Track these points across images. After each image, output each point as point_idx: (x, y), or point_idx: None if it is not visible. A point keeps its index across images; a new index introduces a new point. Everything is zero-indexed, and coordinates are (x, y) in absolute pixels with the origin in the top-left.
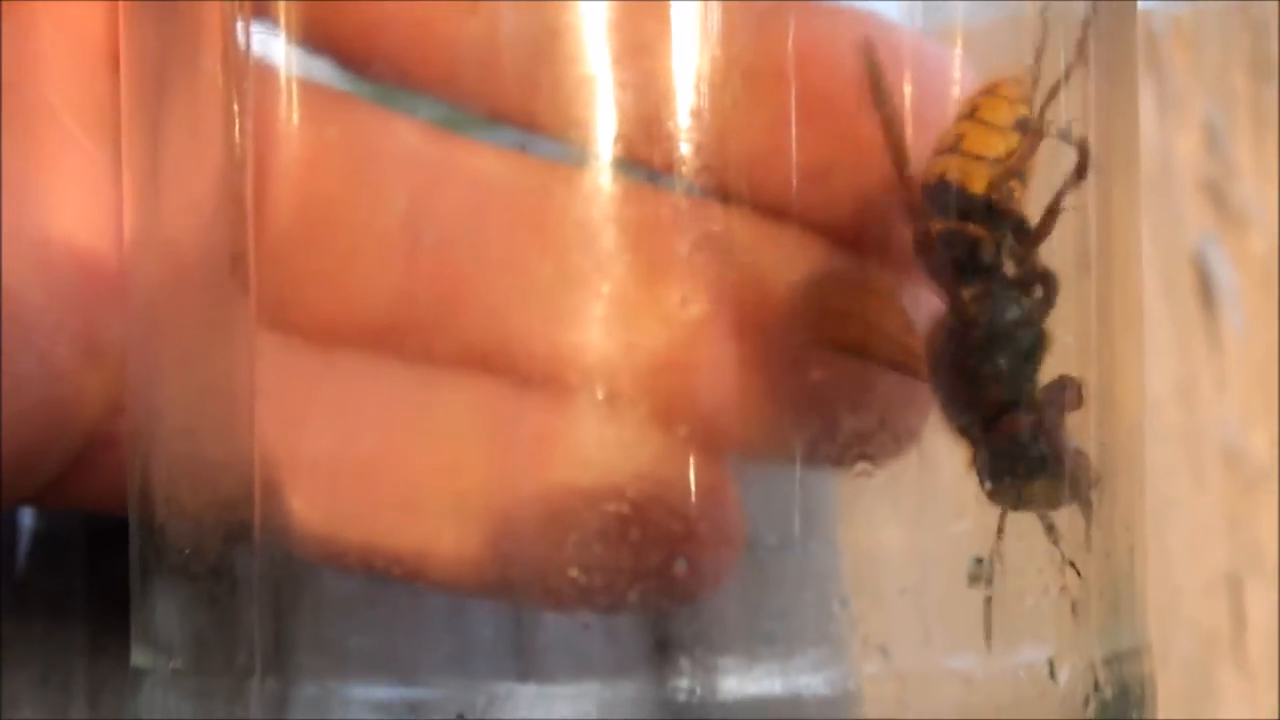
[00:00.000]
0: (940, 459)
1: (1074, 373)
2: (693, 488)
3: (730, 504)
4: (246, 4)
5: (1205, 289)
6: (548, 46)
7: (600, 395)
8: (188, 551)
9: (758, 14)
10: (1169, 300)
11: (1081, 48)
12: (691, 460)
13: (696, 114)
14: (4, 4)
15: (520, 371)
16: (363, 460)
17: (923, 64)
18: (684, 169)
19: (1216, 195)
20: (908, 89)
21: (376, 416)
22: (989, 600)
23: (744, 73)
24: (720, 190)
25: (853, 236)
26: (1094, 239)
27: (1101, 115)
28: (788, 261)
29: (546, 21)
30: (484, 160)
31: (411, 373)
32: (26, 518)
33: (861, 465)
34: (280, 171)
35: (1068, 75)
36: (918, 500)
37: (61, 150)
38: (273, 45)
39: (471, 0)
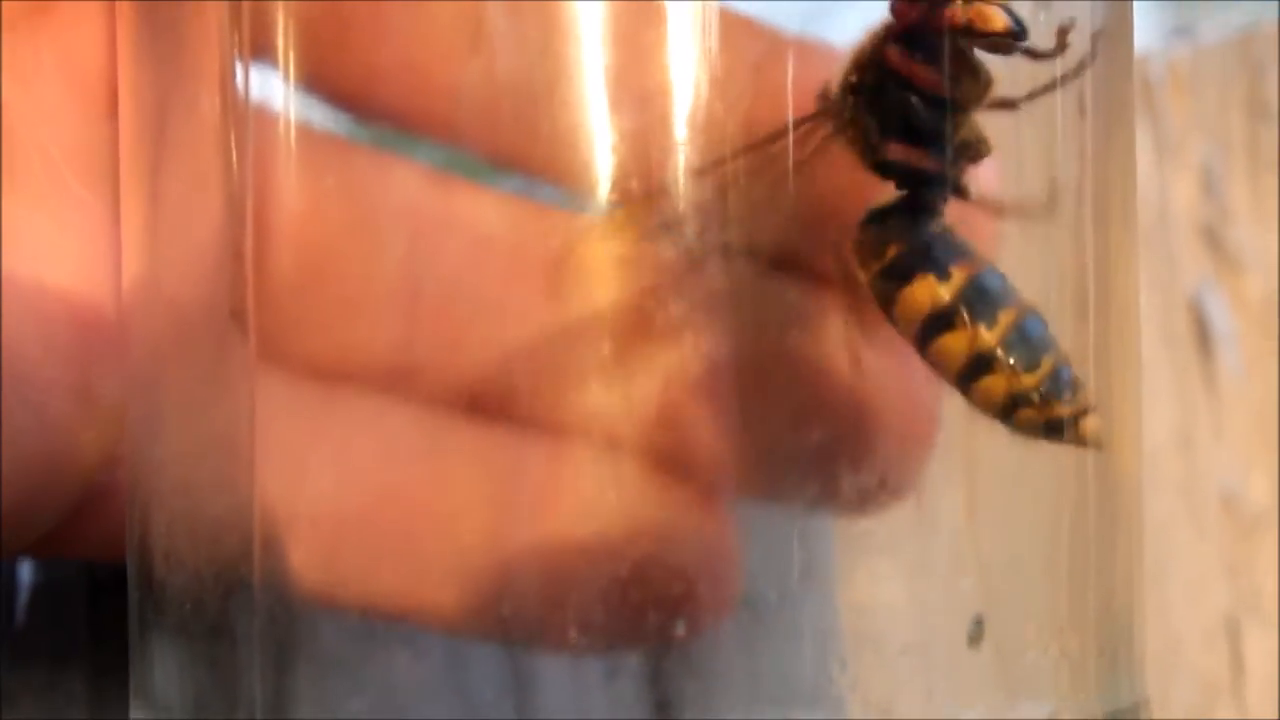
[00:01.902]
0: (941, 514)
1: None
2: (693, 548)
3: (730, 562)
4: (246, 48)
5: (1203, 334)
6: (547, 94)
7: (600, 445)
8: (187, 608)
9: (755, 61)
10: (1167, 345)
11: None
12: (691, 517)
13: (692, 160)
14: (3, 53)
15: (521, 419)
16: (363, 508)
17: None
18: (683, 215)
19: (1214, 240)
20: None
21: (377, 464)
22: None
23: (743, 121)
24: (720, 236)
25: (855, 291)
26: (1091, 285)
27: (1098, 162)
28: (789, 313)
29: (546, 69)
30: (483, 207)
31: (412, 419)
32: (26, 568)
33: (861, 522)
34: (280, 219)
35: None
36: (918, 557)
37: (58, 201)
38: (272, 90)
39: (472, 46)
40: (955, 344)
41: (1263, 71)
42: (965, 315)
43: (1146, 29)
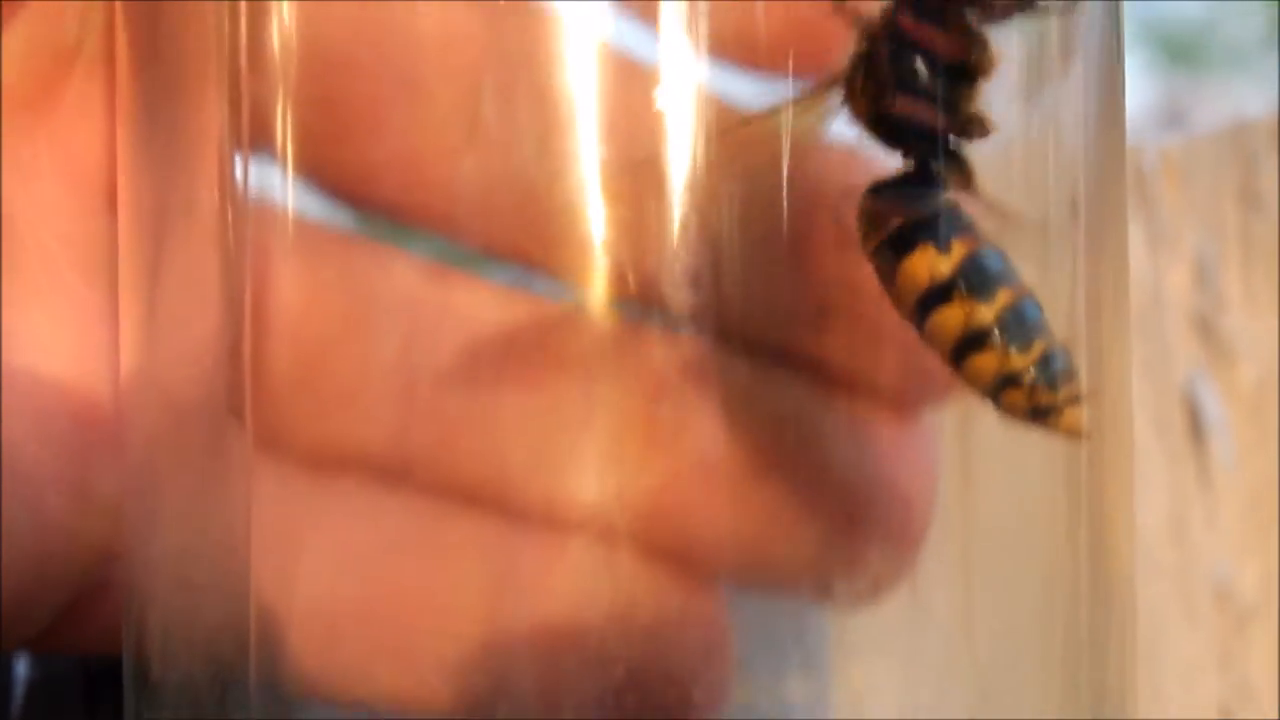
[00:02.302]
0: (935, 607)
1: (1064, 509)
2: (689, 646)
3: (725, 660)
4: (245, 142)
5: (1195, 423)
6: (543, 188)
7: (595, 538)
8: (183, 704)
9: (751, 157)
10: (1160, 434)
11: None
12: (687, 613)
13: (690, 256)
14: (4, 147)
15: (517, 511)
16: (359, 601)
17: None
18: (677, 310)
19: (1207, 329)
20: None
21: (373, 556)
22: None
23: (737, 213)
24: (714, 330)
25: (847, 377)
26: (1084, 374)
27: (1091, 252)
28: (785, 411)
29: (542, 164)
30: (479, 300)
31: (408, 510)
32: (22, 663)
33: (856, 617)
34: (278, 312)
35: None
36: (912, 650)
37: (55, 295)
38: (271, 184)
39: (468, 140)
40: (951, 318)
41: (1256, 161)
42: (962, 289)
43: (1140, 118)
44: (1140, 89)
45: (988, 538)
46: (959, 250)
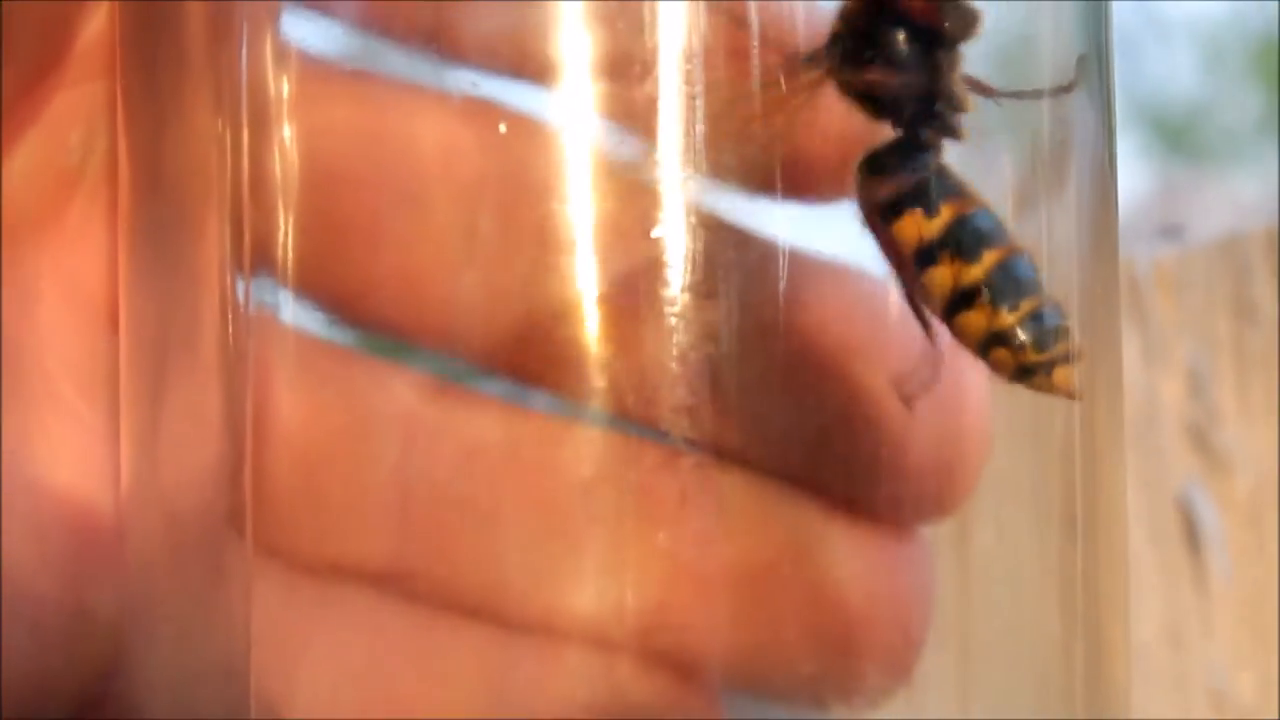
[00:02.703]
0: (931, 716)
1: (1059, 620)
2: None
3: None
4: (246, 260)
5: (1191, 533)
6: (540, 305)
7: (593, 649)
8: None
9: (745, 273)
10: (1155, 544)
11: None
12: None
13: (688, 374)
14: (5, 266)
15: (514, 621)
16: (359, 710)
17: (909, 324)
18: (676, 428)
19: (1201, 439)
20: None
21: (371, 664)
22: None
23: (735, 333)
24: (713, 448)
25: (844, 494)
26: (1079, 485)
27: (1085, 363)
28: (781, 525)
29: (540, 280)
30: (477, 415)
31: (408, 620)
32: None
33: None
34: (278, 428)
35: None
36: None
37: (55, 415)
38: (272, 301)
39: (466, 257)
40: (940, 277)
41: (1249, 273)
42: (950, 250)
43: (1133, 229)
44: (1135, 174)
45: (984, 649)
46: (947, 213)
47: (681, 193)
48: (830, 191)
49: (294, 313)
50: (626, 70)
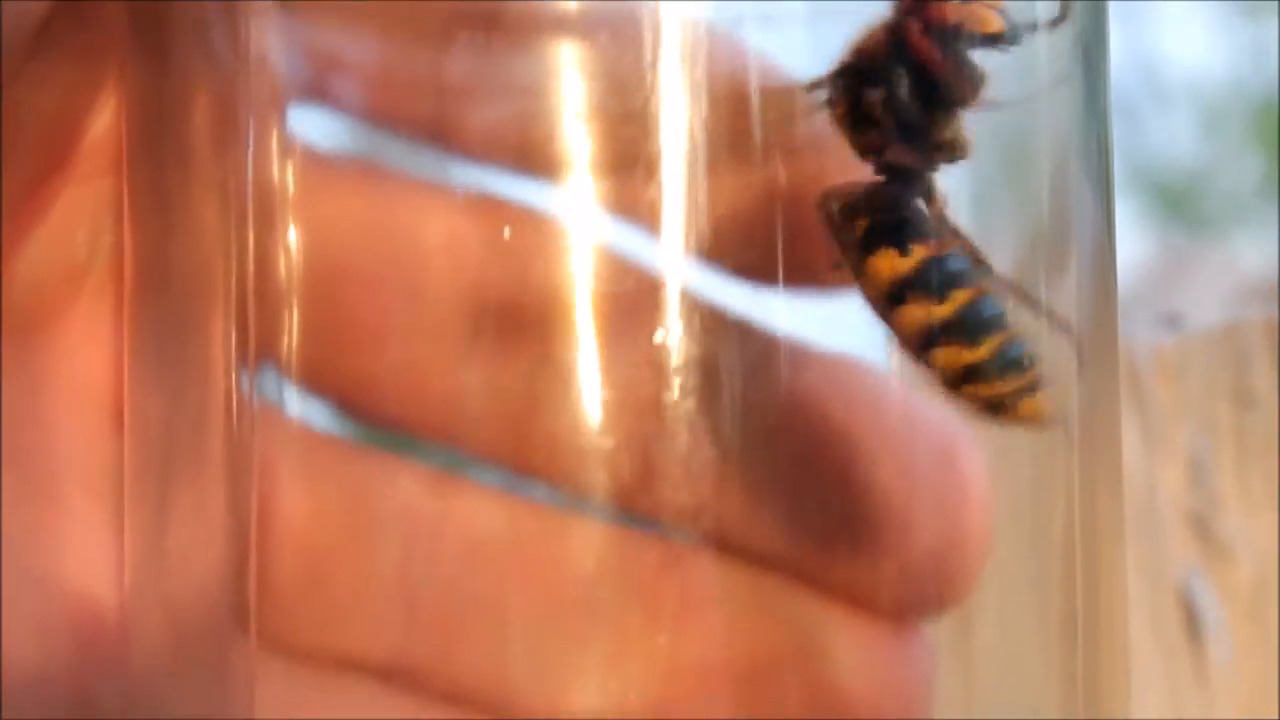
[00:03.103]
0: None
1: (1059, 715)
2: None
3: None
4: (251, 355)
5: (1192, 622)
6: (544, 399)
7: None
8: None
9: (747, 366)
10: (1156, 633)
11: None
12: None
13: (691, 466)
14: (10, 364)
15: (519, 715)
16: None
17: (912, 418)
18: (678, 522)
19: (1202, 528)
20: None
21: None
22: None
23: (735, 424)
24: (715, 542)
25: (847, 587)
26: (1080, 577)
27: (1085, 452)
28: (780, 615)
29: (543, 374)
30: (480, 508)
31: (411, 713)
32: None
33: None
34: (283, 525)
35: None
36: None
37: (59, 514)
38: (277, 396)
39: (469, 351)
40: (911, 316)
41: (1248, 360)
42: (920, 290)
43: (1133, 317)
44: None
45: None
46: (919, 253)
47: (684, 287)
48: (832, 282)
49: (299, 407)
50: (629, 165)
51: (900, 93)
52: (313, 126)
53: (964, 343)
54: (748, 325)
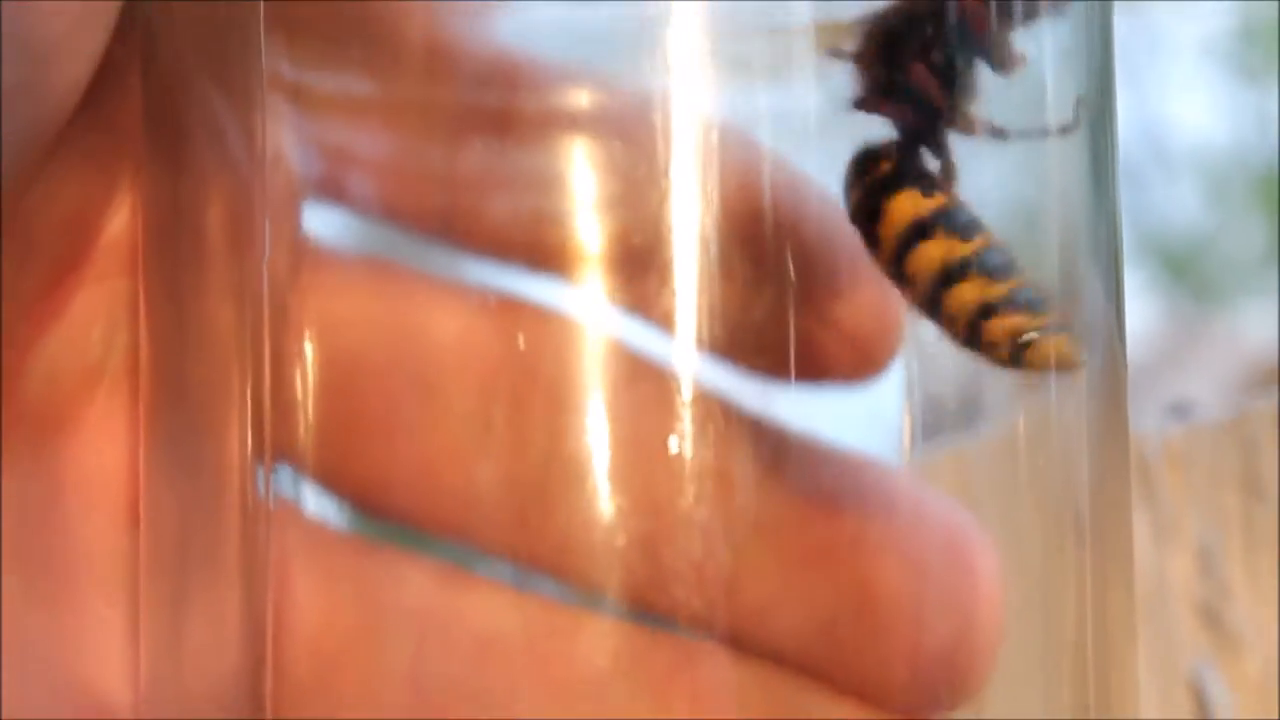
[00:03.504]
0: None
1: None
2: None
3: None
4: (267, 453)
5: (1202, 712)
6: (556, 496)
7: None
8: None
9: (758, 465)
10: None
11: None
12: None
13: (703, 564)
14: (28, 463)
15: None
16: None
17: (922, 515)
18: (689, 620)
19: (1211, 618)
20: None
21: None
22: None
23: (746, 522)
24: (726, 639)
25: (855, 684)
26: (1091, 670)
27: (1096, 547)
28: (792, 712)
29: (554, 471)
30: (491, 605)
31: None
32: None
33: None
34: (297, 626)
35: None
36: None
37: (76, 615)
38: (292, 493)
39: (480, 449)
40: (932, 251)
41: (1257, 450)
42: (944, 227)
43: (1142, 407)
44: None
45: None
46: (938, 199)
47: (697, 385)
48: (845, 377)
49: (315, 504)
50: (642, 262)
51: (939, 57)
52: (327, 224)
53: (986, 279)
54: (760, 423)
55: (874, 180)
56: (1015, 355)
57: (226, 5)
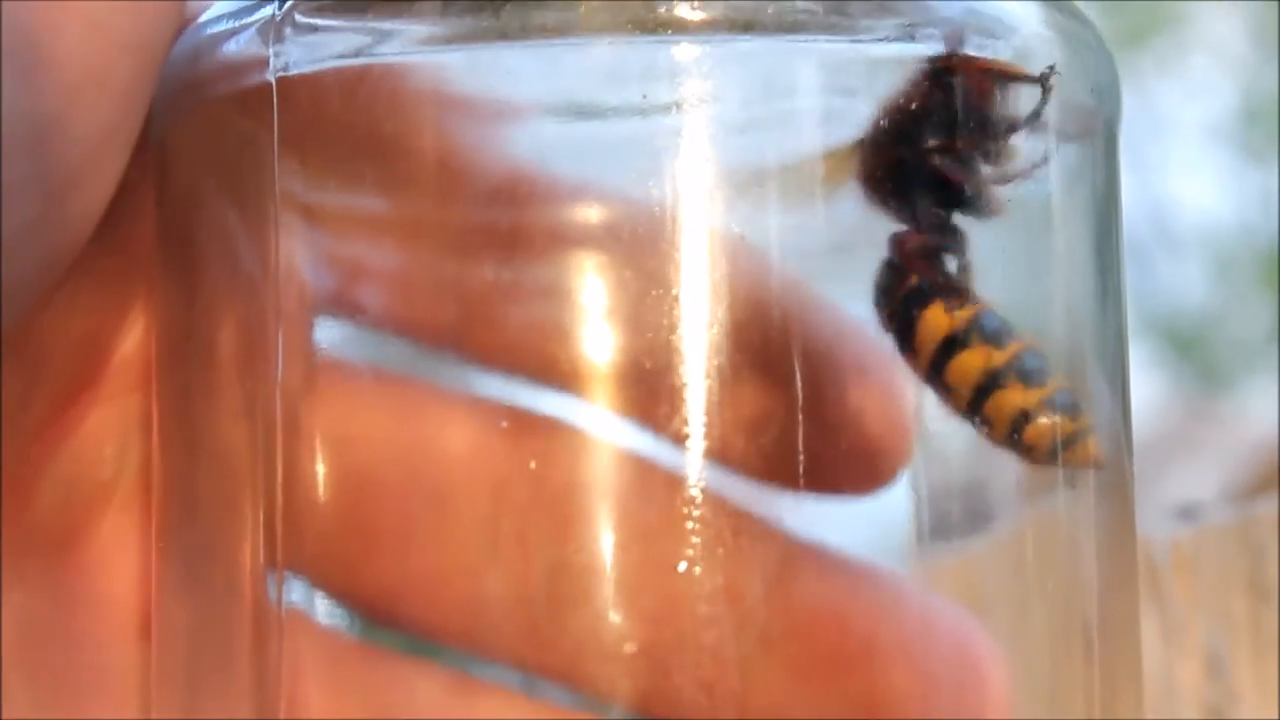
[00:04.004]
0: None
1: None
2: None
3: None
4: (279, 564)
5: None
6: (563, 605)
7: None
8: None
9: (767, 575)
10: None
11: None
12: None
13: (710, 672)
14: (37, 579)
15: None
16: None
17: (930, 623)
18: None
19: None
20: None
21: None
22: None
23: (754, 634)
24: None
25: None
26: None
27: (1105, 655)
28: None
29: (561, 582)
30: (500, 712)
31: None
32: None
33: None
34: None
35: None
36: None
37: None
38: (305, 605)
39: (489, 559)
40: (971, 361)
41: (1263, 554)
42: (979, 337)
43: (1150, 510)
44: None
45: None
46: (969, 308)
47: (704, 495)
48: (855, 489)
49: (325, 613)
50: (651, 378)
51: (938, 139)
52: (339, 338)
53: (1024, 384)
54: (769, 534)
55: (903, 295)
56: (1056, 455)
57: (240, 125)
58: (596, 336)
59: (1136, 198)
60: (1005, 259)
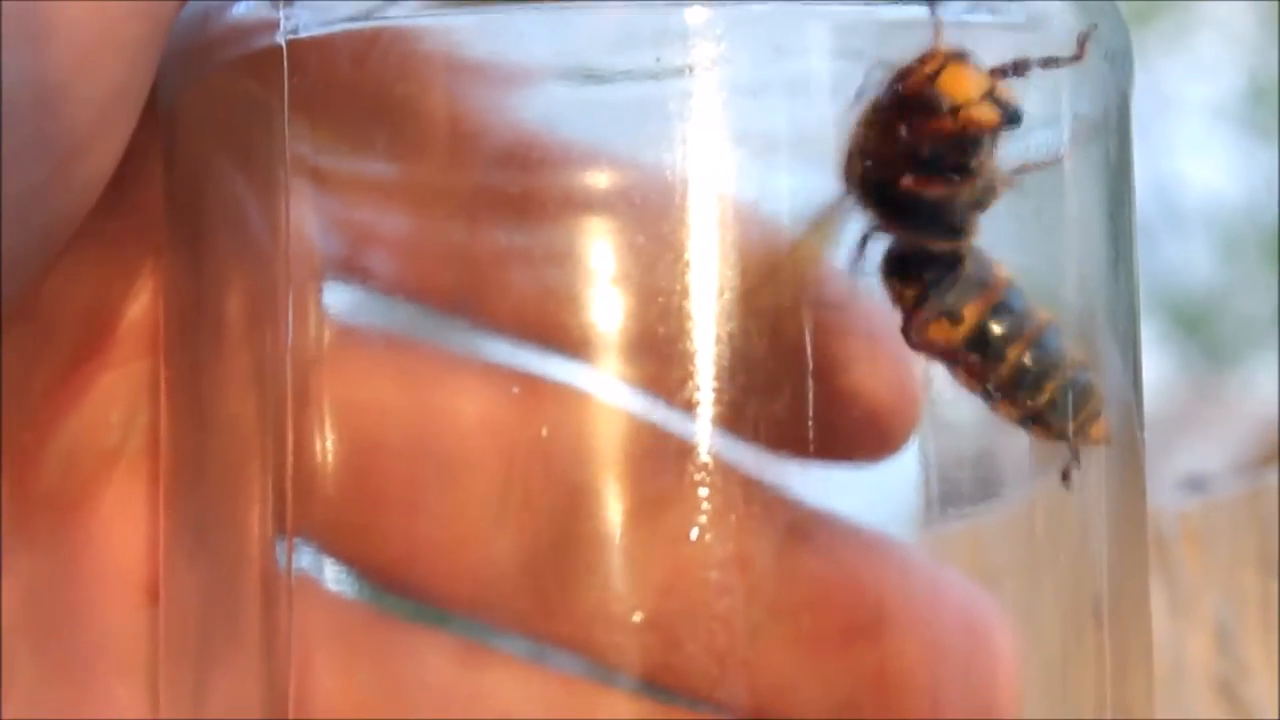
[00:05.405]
0: None
1: None
2: None
3: None
4: (289, 531)
5: None
6: (572, 573)
7: None
8: None
9: (777, 543)
10: None
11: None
12: None
13: (720, 640)
14: (46, 541)
15: None
16: None
17: (940, 594)
18: (706, 695)
19: (1229, 694)
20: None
21: None
22: None
23: (765, 603)
24: (743, 714)
25: None
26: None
27: (1115, 628)
28: None
29: (569, 548)
30: (510, 681)
31: None
32: None
33: None
34: (318, 702)
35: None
36: None
37: (92, 698)
38: (312, 571)
39: (497, 525)
40: (970, 382)
41: (1273, 526)
42: (974, 358)
43: (1158, 482)
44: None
45: None
46: (971, 316)
47: (714, 462)
48: (864, 455)
49: (334, 580)
50: (661, 343)
51: (929, 150)
52: (348, 302)
53: (1024, 398)
54: (779, 502)
55: (905, 309)
56: (1077, 432)
57: (249, 88)
58: (608, 302)
59: (1142, 176)
60: (1019, 223)
